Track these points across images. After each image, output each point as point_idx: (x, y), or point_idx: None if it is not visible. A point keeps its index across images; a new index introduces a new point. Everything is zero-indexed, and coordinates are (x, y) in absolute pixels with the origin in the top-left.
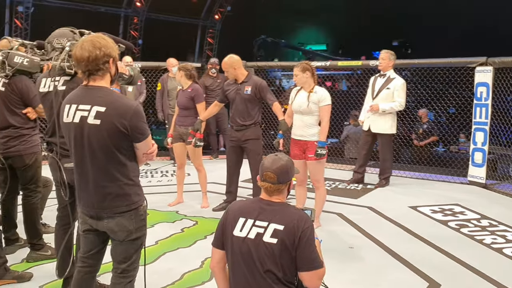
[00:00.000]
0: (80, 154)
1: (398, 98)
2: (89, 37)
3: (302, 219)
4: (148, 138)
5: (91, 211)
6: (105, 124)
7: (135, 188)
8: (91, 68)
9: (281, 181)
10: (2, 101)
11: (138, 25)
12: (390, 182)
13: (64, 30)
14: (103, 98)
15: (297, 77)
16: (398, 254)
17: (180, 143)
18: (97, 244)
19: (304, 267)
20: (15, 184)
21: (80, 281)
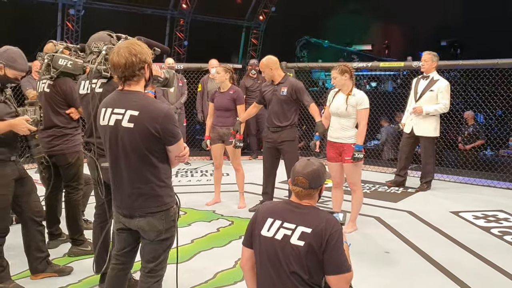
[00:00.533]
0: (115, 156)
1: (443, 100)
2: (125, 44)
3: (330, 223)
4: (179, 141)
5: (124, 210)
6: (138, 127)
7: (167, 189)
8: (127, 74)
9: (312, 186)
10: (47, 102)
11: (184, 26)
12: (432, 186)
13: (102, 34)
14: (137, 102)
15: (335, 80)
16: (435, 260)
17: (219, 144)
18: (130, 242)
19: (332, 270)
20: (59, 181)
21: (113, 278)
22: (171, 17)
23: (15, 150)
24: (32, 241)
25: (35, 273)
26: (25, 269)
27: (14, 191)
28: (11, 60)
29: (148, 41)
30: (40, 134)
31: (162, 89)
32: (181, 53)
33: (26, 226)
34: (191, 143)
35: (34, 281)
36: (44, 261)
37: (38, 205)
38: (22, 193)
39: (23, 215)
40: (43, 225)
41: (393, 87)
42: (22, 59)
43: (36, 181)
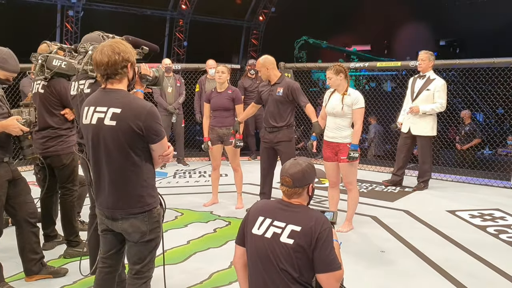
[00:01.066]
0: (97, 155)
1: (439, 99)
2: (108, 42)
3: (320, 221)
4: (163, 140)
5: (106, 212)
6: (121, 125)
7: (149, 190)
8: (110, 72)
9: (296, 185)
10: (41, 103)
11: (184, 27)
12: (429, 185)
13: (93, 35)
14: (119, 100)
15: (330, 80)
16: (431, 260)
17: (218, 145)
18: (115, 244)
19: (322, 269)
20: (54, 182)
21: (101, 281)
22: (170, 17)
23: (8, 151)
24: (26, 243)
25: (29, 275)
26: (19, 271)
27: (7, 193)
28: (2, 61)
29: (135, 39)
30: (34, 136)
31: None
32: (180, 53)
33: (20, 228)
34: (190, 143)
35: (28, 283)
36: (38, 262)
37: (32, 206)
38: (15, 194)
39: (17, 216)
40: (38, 226)
41: (392, 87)
42: (13, 60)
43: (33, 182)
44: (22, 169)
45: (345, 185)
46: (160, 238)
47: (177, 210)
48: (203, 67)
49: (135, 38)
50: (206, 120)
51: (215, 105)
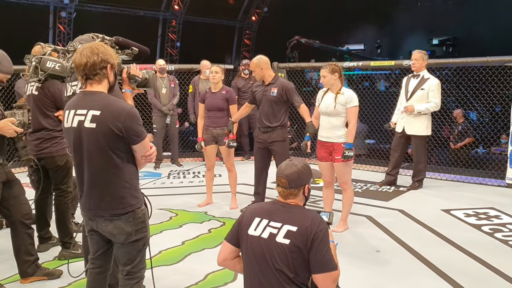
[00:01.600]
0: (79, 158)
1: (434, 98)
2: (89, 44)
3: (316, 222)
4: (144, 141)
5: (89, 213)
6: (101, 127)
7: (132, 191)
8: (88, 72)
9: (292, 186)
10: (35, 105)
11: (176, 27)
12: (424, 184)
13: (84, 36)
14: (98, 102)
15: (325, 79)
16: (426, 259)
17: (212, 145)
18: (102, 244)
19: (317, 269)
20: (48, 184)
21: (92, 283)
22: (163, 18)
23: (1, 152)
24: (21, 245)
25: (24, 277)
26: (14, 273)
27: (1, 194)
28: None
29: (125, 41)
30: (28, 137)
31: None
32: (173, 54)
33: (15, 230)
34: (184, 144)
35: (23, 285)
36: (33, 264)
37: (27, 207)
38: (9, 195)
39: (11, 218)
40: (32, 228)
41: (386, 86)
42: (6, 62)
43: (27, 184)
44: (16, 170)
45: (340, 185)
46: (148, 237)
47: (172, 211)
48: (197, 68)
49: (125, 39)
50: (200, 120)
51: (209, 105)
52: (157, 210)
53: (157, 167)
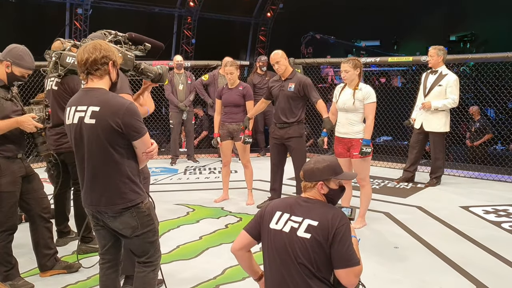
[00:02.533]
0: (80, 154)
1: (451, 94)
2: (92, 41)
3: (337, 217)
4: (144, 137)
5: (92, 209)
6: (100, 123)
7: (132, 186)
8: (89, 68)
9: (306, 179)
10: (55, 100)
11: (191, 24)
12: (442, 181)
13: (96, 33)
14: (98, 98)
15: (347, 73)
16: (445, 256)
17: (228, 140)
18: (110, 238)
19: (340, 264)
20: (67, 179)
21: (103, 277)
22: (178, 15)
23: (21, 147)
24: (40, 238)
25: (43, 270)
26: (34, 267)
27: (21, 188)
28: (18, 58)
29: (139, 36)
30: (48, 132)
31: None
32: (188, 51)
33: (34, 223)
34: (200, 140)
35: (43, 278)
36: (52, 258)
37: (46, 201)
38: (29, 190)
39: (31, 212)
40: (51, 222)
41: (402, 83)
42: (28, 57)
43: (45, 179)
44: (34, 166)
45: (358, 181)
46: (156, 227)
47: (189, 206)
48: (213, 64)
49: (138, 35)
50: (217, 116)
51: (226, 101)
52: (174, 205)
53: (174, 163)
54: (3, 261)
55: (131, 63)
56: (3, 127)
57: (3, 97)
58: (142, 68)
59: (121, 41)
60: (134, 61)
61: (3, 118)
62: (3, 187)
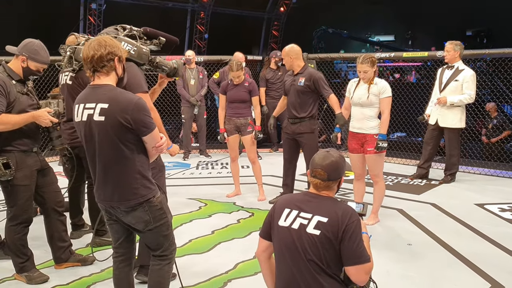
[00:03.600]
0: (92, 151)
1: (468, 90)
2: (97, 37)
3: (347, 214)
4: (154, 131)
5: (104, 204)
6: (109, 120)
7: (144, 181)
8: (95, 64)
9: (331, 178)
10: (69, 94)
11: (204, 19)
12: (456, 178)
13: (109, 28)
14: (106, 94)
15: (366, 74)
16: (459, 253)
17: (235, 135)
18: (123, 232)
19: (350, 261)
20: (81, 173)
21: (116, 271)
22: (191, 10)
23: (37, 141)
24: (54, 231)
25: (58, 263)
26: (49, 259)
27: (36, 182)
28: (34, 53)
29: (154, 31)
30: (62, 126)
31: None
32: (201, 46)
33: (48, 217)
34: (212, 135)
35: (57, 270)
36: (67, 250)
37: (60, 195)
38: (43, 183)
39: (45, 205)
40: (65, 215)
41: (417, 78)
42: (44, 52)
43: (60, 173)
44: (48, 159)
45: (371, 177)
46: (169, 221)
47: (201, 201)
48: (226, 59)
49: (153, 30)
50: (222, 111)
51: (231, 98)
52: (187, 199)
53: (186, 157)
54: (19, 253)
55: (146, 57)
56: (19, 121)
57: (19, 91)
58: (157, 62)
59: (136, 35)
60: (149, 55)
61: (19, 112)
62: (19, 180)
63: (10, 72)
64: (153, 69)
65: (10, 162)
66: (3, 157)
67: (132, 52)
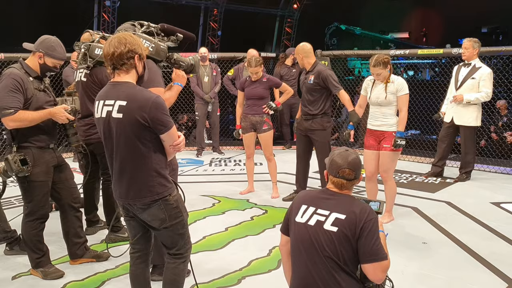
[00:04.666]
0: (110, 147)
1: (484, 88)
2: (118, 34)
3: (365, 211)
4: (171, 130)
5: (122, 201)
6: (127, 117)
7: (160, 179)
8: (115, 62)
9: (357, 176)
10: (84, 91)
11: (218, 16)
12: (472, 176)
13: (126, 24)
14: (125, 92)
15: (380, 76)
16: (475, 252)
17: (251, 133)
18: (140, 229)
19: (366, 258)
20: (96, 169)
21: (133, 267)
22: (204, 7)
23: (53, 137)
24: (70, 227)
25: (73, 258)
26: (64, 254)
27: (52, 178)
28: (50, 49)
29: (171, 27)
30: (77, 123)
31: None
32: (214, 43)
33: (64, 213)
34: (225, 133)
35: (72, 266)
36: (82, 246)
37: (76, 191)
38: (60, 179)
39: (61, 201)
40: (81, 211)
41: (431, 76)
42: (60, 48)
43: (75, 169)
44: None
45: (381, 174)
46: (185, 219)
47: (215, 198)
48: (239, 56)
49: (171, 26)
50: (239, 108)
51: (249, 94)
52: (200, 196)
53: (199, 154)
54: (35, 248)
55: (164, 54)
56: (36, 118)
57: (36, 88)
58: (175, 59)
59: (154, 32)
60: (167, 52)
61: (37, 108)
62: (36, 176)
63: (27, 69)
64: (170, 65)
65: (27, 158)
66: (20, 153)
67: (150, 49)
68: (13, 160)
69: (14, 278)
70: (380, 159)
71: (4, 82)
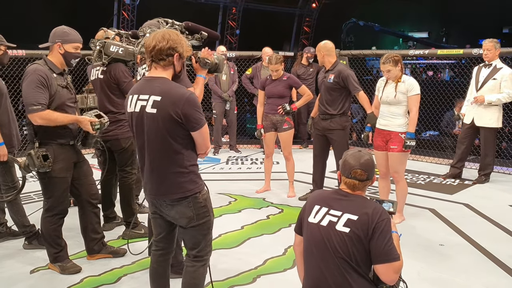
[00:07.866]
0: (141, 142)
1: (506, 89)
2: (163, 30)
3: (378, 212)
4: (203, 128)
5: (152, 197)
6: (161, 113)
7: (191, 175)
8: (154, 56)
9: (370, 177)
10: (101, 88)
11: (236, 15)
12: (491, 178)
13: (152, 21)
14: (159, 87)
15: (390, 73)
16: (493, 255)
17: (271, 132)
18: (165, 227)
19: (379, 259)
20: (113, 166)
21: (154, 264)
22: (223, 6)
23: (74, 135)
24: (88, 223)
25: (91, 254)
26: (81, 250)
27: (72, 174)
28: (64, 35)
29: (195, 26)
30: None
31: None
32: (232, 41)
33: (82, 208)
34: (242, 131)
35: (90, 261)
36: (99, 242)
37: (94, 188)
38: (79, 175)
39: (80, 197)
40: (99, 207)
41: (451, 76)
42: (73, 31)
43: (93, 165)
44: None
45: (392, 174)
46: (211, 221)
47: (231, 196)
48: (257, 55)
49: (195, 24)
50: (260, 107)
51: (270, 93)
52: (217, 194)
53: (216, 152)
54: (54, 243)
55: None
56: (62, 121)
57: (59, 85)
58: (199, 58)
59: (178, 30)
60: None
61: (60, 105)
62: (56, 172)
63: (51, 65)
64: None
65: (49, 154)
66: (42, 149)
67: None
68: (36, 156)
69: (32, 272)
70: (389, 161)
71: (30, 78)
